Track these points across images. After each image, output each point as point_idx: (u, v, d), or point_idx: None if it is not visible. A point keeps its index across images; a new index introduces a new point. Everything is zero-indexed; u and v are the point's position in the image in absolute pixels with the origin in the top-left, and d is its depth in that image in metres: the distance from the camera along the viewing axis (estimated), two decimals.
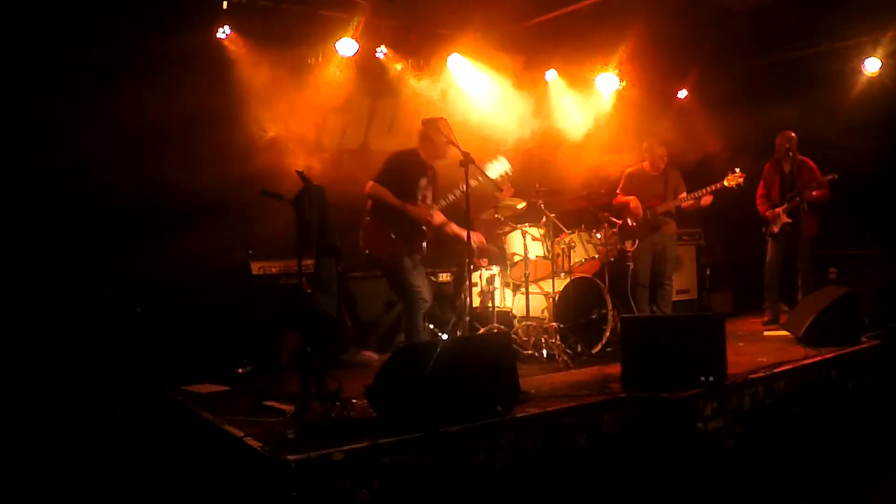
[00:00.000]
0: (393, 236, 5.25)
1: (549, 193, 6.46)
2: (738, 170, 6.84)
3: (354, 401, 4.26)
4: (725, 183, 6.85)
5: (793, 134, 7.14)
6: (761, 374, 4.88)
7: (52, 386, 5.04)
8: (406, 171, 5.33)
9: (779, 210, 7.13)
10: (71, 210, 5.25)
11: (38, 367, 5.10)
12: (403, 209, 5.27)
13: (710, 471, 4.34)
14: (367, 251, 5.30)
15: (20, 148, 5.33)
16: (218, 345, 5.63)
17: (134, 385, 5.12)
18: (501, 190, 5.70)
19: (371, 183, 5.26)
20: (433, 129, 5.32)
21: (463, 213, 5.01)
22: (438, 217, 5.51)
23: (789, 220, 7.07)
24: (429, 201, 5.46)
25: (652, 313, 7.00)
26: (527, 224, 6.26)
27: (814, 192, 6.94)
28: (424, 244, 5.39)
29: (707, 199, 6.94)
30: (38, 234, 5.23)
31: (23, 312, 5.21)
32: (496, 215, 6.40)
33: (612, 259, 6.85)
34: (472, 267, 5.60)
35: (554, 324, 5.89)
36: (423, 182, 5.40)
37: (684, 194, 7.09)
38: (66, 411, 4.92)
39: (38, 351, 5.15)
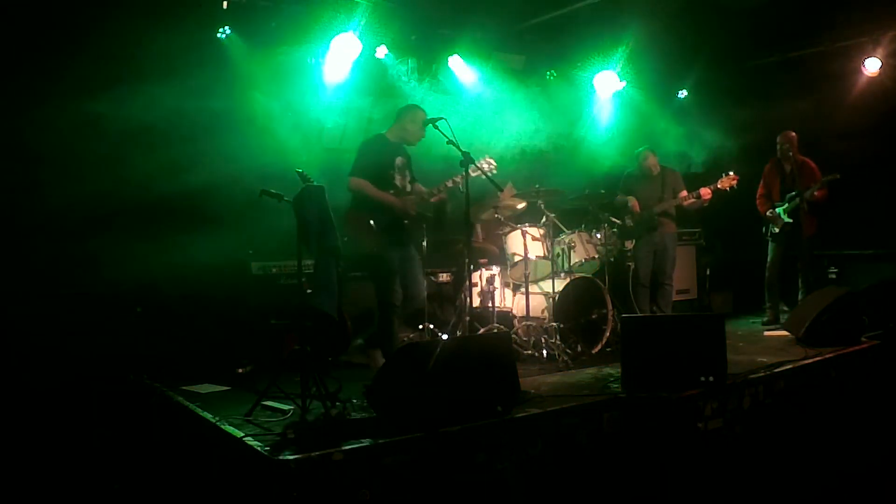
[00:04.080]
0: (373, 226, 5.17)
1: (549, 193, 6.46)
2: (731, 172, 6.83)
3: (354, 401, 4.26)
4: (719, 185, 6.81)
5: (794, 134, 7.15)
6: (761, 374, 4.88)
7: (53, 386, 5.04)
8: (378, 157, 5.27)
9: (779, 210, 7.12)
10: (71, 209, 5.25)
11: (39, 368, 5.10)
12: (385, 201, 5.21)
13: (711, 471, 4.34)
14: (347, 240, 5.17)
15: (20, 147, 5.33)
16: (218, 345, 5.62)
17: (134, 385, 5.12)
18: (501, 189, 5.70)
19: (351, 178, 5.20)
20: (409, 117, 5.36)
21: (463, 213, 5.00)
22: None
23: (790, 220, 7.07)
24: (406, 185, 5.38)
25: (652, 313, 7.00)
26: (527, 224, 6.26)
27: (816, 193, 6.94)
28: (424, 243, 5.32)
29: (706, 193, 6.87)
30: (38, 234, 5.23)
31: (23, 312, 5.21)
32: (496, 215, 6.40)
33: (612, 259, 6.84)
34: (472, 267, 5.58)
35: (554, 324, 5.89)
36: (399, 161, 5.36)
37: (684, 193, 7.08)
38: (66, 411, 4.92)
39: (38, 351, 5.15)
